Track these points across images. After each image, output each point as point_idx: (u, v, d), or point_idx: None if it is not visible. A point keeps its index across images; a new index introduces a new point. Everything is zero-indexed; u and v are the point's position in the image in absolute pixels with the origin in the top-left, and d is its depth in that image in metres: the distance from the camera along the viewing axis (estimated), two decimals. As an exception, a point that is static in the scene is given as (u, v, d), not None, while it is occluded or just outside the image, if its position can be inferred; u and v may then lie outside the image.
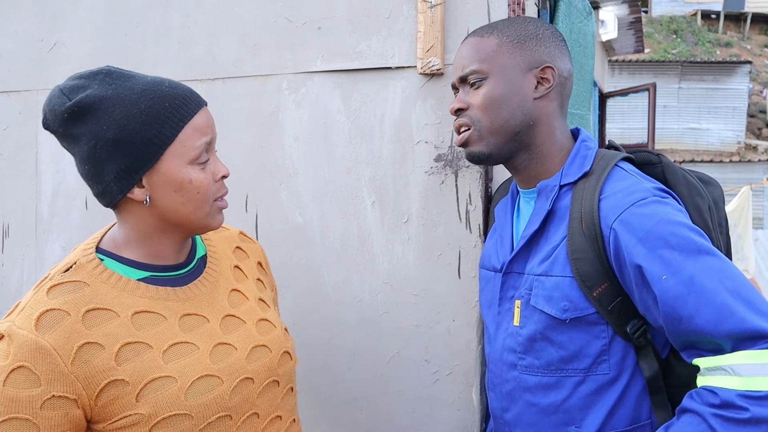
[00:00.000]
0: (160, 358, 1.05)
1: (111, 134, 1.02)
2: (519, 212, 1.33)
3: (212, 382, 1.07)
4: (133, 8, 1.80)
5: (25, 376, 0.96)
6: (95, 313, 1.03)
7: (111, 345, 1.02)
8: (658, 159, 1.30)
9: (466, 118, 1.24)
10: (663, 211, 1.11)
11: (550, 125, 1.24)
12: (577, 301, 1.16)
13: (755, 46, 20.32)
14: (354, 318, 1.61)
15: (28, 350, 0.97)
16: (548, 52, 1.23)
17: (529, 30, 1.24)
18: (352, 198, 1.61)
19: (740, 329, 1.02)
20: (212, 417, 1.06)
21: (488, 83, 1.22)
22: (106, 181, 1.06)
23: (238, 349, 1.13)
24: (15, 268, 1.95)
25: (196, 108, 1.09)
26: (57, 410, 0.98)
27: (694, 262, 1.06)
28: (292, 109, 1.66)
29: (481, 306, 1.39)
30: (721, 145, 16.10)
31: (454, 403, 1.53)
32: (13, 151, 1.95)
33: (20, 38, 1.94)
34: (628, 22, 6.02)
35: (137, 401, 1.02)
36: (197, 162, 1.08)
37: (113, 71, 1.08)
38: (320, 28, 1.62)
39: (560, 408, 1.20)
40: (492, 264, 1.33)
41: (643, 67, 15.91)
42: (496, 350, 1.29)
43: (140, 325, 1.06)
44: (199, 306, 1.14)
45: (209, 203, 1.11)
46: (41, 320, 0.99)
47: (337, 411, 1.63)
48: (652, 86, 5.52)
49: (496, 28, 1.25)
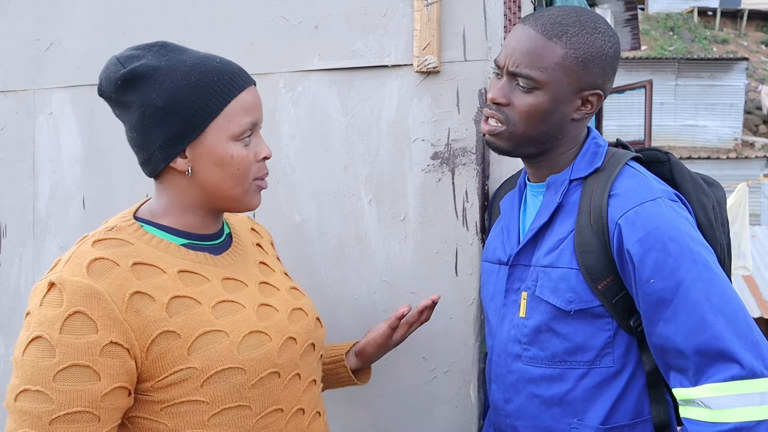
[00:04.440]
0: (210, 313, 1.07)
1: (160, 102, 1.05)
2: (525, 206, 1.34)
3: (262, 339, 1.09)
4: (130, 8, 1.80)
5: (81, 321, 0.96)
6: (142, 267, 1.04)
7: (161, 297, 1.03)
8: (666, 157, 1.32)
9: (503, 114, 1.21)
10: (668, 216, 1.12)
11: (575, 137, 1.26)
12: (582, 293, 1.17)
13: (752, 43, 20.35)
14: (352, 316, 1.61)
15: (82, 295, 0.96)
16: (603, 75, 1.19)
17: (596, 46, 1.17)
18: (349, 196, 1.61)
19: (709, 346, 1.03)
20: (264, 372, 1.08)
21: (538, 94, 1.17)
22: (152, 149, 1.08)
23: (279, 311, 1.17)
24: (13, 267, 1.95)
25: (244, 85, 1.11)
26: (115, 358, 0.98)
27: (687, 271, 1.07)
28: (289, 107, 1.66)
29: (483, 299, 1.40)
30: (718, 141, 16.12)
31: (452, 400, 1.54)
32: (10, 151, 1.95)
33: (17, 38, 1.94)
34: (624, 19, 6.03)
35: (189, 354, 1.02)
36: (240, 138, 1.10)
37: (168, 44, 1.11)
38: (317, 26, 1.63)
39: (563, 400, 1.21)
40: (497, 256, 1.34)
41: (640, 64, 15.92)
42: (501, 341, 1.29)
43: (186, 282, 1.08)
44: (236, 272, 1.17)
45: (248, 181, 1.13)
46: (91, 267, 0.99)
47: (335, 408, 1.63)
48: (648, 83, 5.53)
49: (566, 35, 1.15)
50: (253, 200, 1.16)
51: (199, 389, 1.02)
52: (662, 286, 1.08)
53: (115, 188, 1.81)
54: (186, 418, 1.03)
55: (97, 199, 1.84)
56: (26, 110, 1.93)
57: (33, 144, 1.92)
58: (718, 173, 12.86)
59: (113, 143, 1.78)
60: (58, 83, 1.89)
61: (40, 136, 1.90)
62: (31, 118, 1.92)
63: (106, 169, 1.82)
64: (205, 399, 1.03)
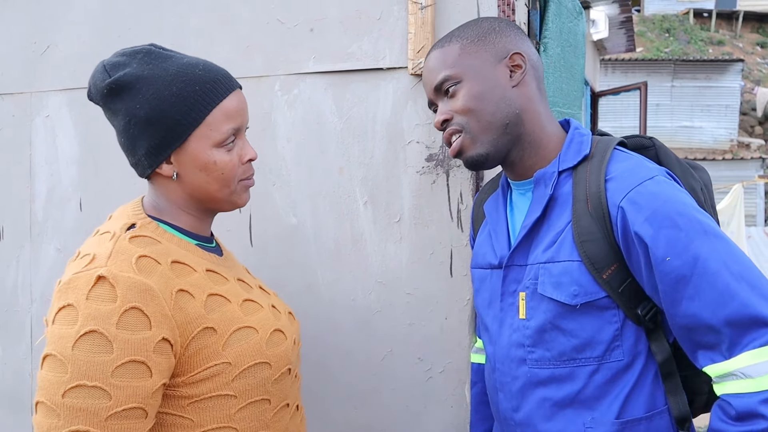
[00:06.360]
0: (239, 311, 1.10)
1: (143, 113, 1.07)
2: (512, 206, 1.31)
3: (281, 337, 1.15)
4: (127, 11, 1.81)
5: (136, 317, 0.96)
6: (178, 266, 1.07)
7: (199, 294, 1.06)
8: (651, 142, 1.30)
9: (454, 125, 1.22)
10: (670, 191, 1.10)
11: (535, 110, 1.23)
12: (586, 285, 1.13)
13: (747, 44, 20.41)
14: (347, 317, 1.62)
15: (137, 291, 0.97)
16: (511, 41, 1.23)
17: (485, 26, 1.24)
18: (344, 198, 1.62)
19: (741, 315, 0.99)
20: (283, 368, 1.13)
21: (464, 85, 1.20)
22: (138, 155, 1.11)
23: (281, 313, 1.22)
24: (10, 270, 1.95)
25: (227, 92, 1.13)
26: (164, 354, 0.99)
27: (701, 243, 1.04)
28: (285, 110, 1.67)
29: (478, 307, 1.34)
30: (714, 143, 16.16)
31: (447, 400, 1.54)
32: (6, 153, 1.95)
33: (13, 41, 1.95)
34: (619, 21, 6.04)
35: (223, 350, 1.05)
36: (223, 145, 1.12)
37: (153, 51, 1.12)
38: (312, 29, 1.64)
39: (575, 400, 1.16)
40: (488, 261, 1.30)
41: (636, 66, 15.96)
42: (502, 348, 1.24)
43: (214, 280, 1.11)
44: (240, 274, 1.22)
45: (234, 183, 1.15)
46: (139, 264, 1.00)
47: (331, 409, 1.64)
48: (643, 85, 5.54)
49: (453, 35, 1.25)
50: (240, 199, 1.18)
51: (229, 383, 1.05)
52: (680, 263, 1.04)
53: (112, 190, 1.82)
54: (213, 412, 1.05)
55: (94, 201, 1.85)
56: (23, 113, 1.94)
57: (30, 147, 1.93)
58: (713, 174, 12.83)
59: (110, 146, 1.78)
60: (55, 86, 1.89)
61: (37, 138, 1.91)
62: (27, 120, 1.93)
63: (103, 171, 1.83)
64: (234, 393, 1.06)
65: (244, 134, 1.17)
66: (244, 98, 1.17)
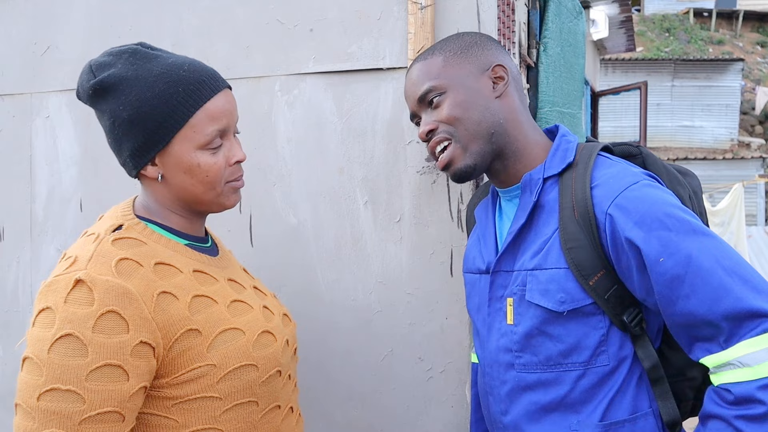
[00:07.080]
0: (226, 312, 1.09)
1: (126, 114, 1.06)
2: (501, 212, 1.32)
3: (270, 339, 1.13)
4: (126, 11, 1.81)
5: (113, 321, 0.96)
6: (163, 267, 1.06)
7: (183, 296, 1.04)
8: (638, 150, 1.31)
9: (441, 134, 1.23)
10: (656, 194, 1.12)
11: (518, 120, 1.25)
12: (573, 292, 1.15)
13: (747, 44, 20.41)
14: (348, 317, 1.62)
15: (115, 295, 0.96)
16: (493, 54, 1.26)
17: (467, 40, 1.27)
18: (345, 198, 1.62)
19: (736, 309, 1.02)
20: (272, 370, 1.12)
21: (449, 95, 1.22)
22: (124, 156, 1.11)
23: (275, 314, 1.21)
24: (10, 271, 1.95)
25: (212, 93, 1.10)
26: (143, 358, 0.98)
27: (691, 242, 1.06)
28: (285, 110, 1.67)
29: (470, 311, 1.36)
30: (715, 142, 16.16)
31: (448, 400, 1.55)
32: (7, 154, 1.96)
33: (13, 42, 1.95)
34: (619, 21, 6.05)
35: (208, 352, 1.04)
36: (207, 147, 1.10)
37: (139, 51, 1.11)
38: (312, 29, 1.64)
39: (561, 403, 1.18)
40: (477, 266, 1.32)
41: (636, 66, 15.96)
42: (491, 352, 1.26)
43: (201, 281, 1.10)
44: (233, 275, 1.20)
45: (221, 185, 1.13)
46: (119, 267, 1.00)
47: (331, 409, 1.64)
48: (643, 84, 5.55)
49: (436, 48, 1.27)
50: (227, 201, 1.17)
51: (214, 385, 1.04)
52: (673, 263, 1.06)
53: (112, 191, 1.82)
54: (198, 413, 1.04)
55: (94, 201, 1.85)
56: (23, 114, 1.94)
57: (30, 147, 1.93)
58: (714, 174, 12.89)
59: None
60: (55, 87, 1.90)
61: (37, 139, 1.91)
62: (28, 121, 1.93)
63: (103, 171, 1.83)
64: (219, 395, 1.05)
65: (232, 135, 1.15)
66: (233, 98, 1.15)
